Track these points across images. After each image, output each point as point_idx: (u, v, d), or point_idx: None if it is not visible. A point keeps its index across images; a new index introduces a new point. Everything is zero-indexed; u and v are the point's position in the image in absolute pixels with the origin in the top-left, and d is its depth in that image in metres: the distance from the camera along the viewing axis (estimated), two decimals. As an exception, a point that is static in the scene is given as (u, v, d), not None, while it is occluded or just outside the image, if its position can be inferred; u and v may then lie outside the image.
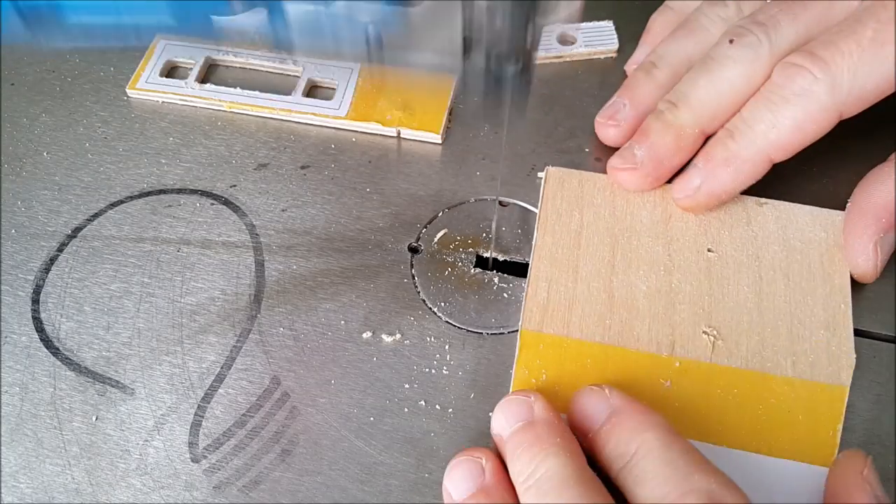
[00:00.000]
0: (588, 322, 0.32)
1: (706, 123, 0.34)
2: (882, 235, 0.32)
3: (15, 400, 0.31)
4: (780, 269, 0.33)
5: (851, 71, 0.31)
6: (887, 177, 0.33)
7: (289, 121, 0.40)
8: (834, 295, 0.32)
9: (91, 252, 0.35)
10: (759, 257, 0.33)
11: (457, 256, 0.35)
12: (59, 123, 0.40)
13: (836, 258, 0.33)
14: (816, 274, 0.33)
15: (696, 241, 0.34)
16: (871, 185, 0.33)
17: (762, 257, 0.33)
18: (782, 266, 0.33)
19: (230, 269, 0.35)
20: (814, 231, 0.34)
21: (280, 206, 0.37)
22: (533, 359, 0.31)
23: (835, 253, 0.33)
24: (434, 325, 0.33)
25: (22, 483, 0.29)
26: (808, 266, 0.33)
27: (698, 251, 0.34)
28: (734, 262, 0.33)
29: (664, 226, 0.34)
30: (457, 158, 0.39)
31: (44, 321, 0.33)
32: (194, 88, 0.41)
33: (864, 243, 0.32)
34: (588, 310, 0.32)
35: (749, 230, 0.34)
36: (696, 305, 0.32)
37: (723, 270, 0.33)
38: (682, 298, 0.32)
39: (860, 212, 0.33)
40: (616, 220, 0.34)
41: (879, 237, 0.32)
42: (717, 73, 0.33)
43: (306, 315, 0.33)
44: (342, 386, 0.31)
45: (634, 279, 0.33)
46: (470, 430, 0.30)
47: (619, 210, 0.35)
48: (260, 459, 0.30)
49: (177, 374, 0.32)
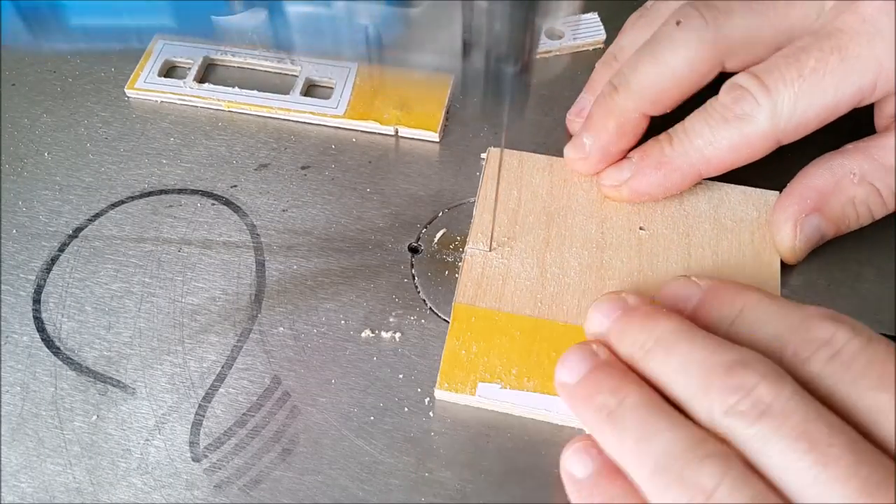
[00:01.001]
0: (520, 296, 0.33)
1: (648, 108, 0.34)
2: (805, 216, 0.33)
3: (16, 399, 0.31)
4: (709, 247, 0.34)
5: (792, 100, 0.31)
6: (825, 161, 0.33)
7: (289, 120, 0.40)
8: (762, 271, 0.33)
9: (92, 252, 0.35)
10: (689, 235, 0.35)
11: (457, 256, 0.35)
12: (60, 124, 0.40)
13: (767, 237, 0.34)
14: (746, 251, 0.34)
15: (628, 220, 0.35)
16: (808, 168, 0.34)
17: (692, 235, 0.35)
18: (711, 244, 0.34)
19: (231, 268, 0.35)
20: (746, 210, 0.35)
21: (280, 207, 0.37)
22: (465, 331, 0.32)
23: (766, 232, 0.35)
24: (434, 325, 0.33)
25: (23, 482, 0.29)
26: (738, 244, 0.34)
27: (630, 229, 0.35)
28: (664, 239, 0.35)
29: (599, 205, 0.36)
30: (456, 158, 0.39)
31: (45, 321, 0.33)
32: (193, 88, 0.41)
33: (784, 220, 0.33)
34: (520, 285, 0.33)
35: (681, 209, 0.36)
36: (626, 280, 0.33)
37: (653, 247, 0.34)
38: (612, 274, 0.34)
39: (789, 191, 0.34)
40: (553, 199, 0.36)
41: (802, 217, 0.33)
42: (659, 56, 0.33)
43: (307, 315, 0.33)
44: (342, 385, 0.31)
45: (567, 256, 0.34)
46: (470, 429, 0.30)
47: (556, 189, 0.36)
48: (260, 459, 0.30)
49: (178, 374, 0.32)
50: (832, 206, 0.33)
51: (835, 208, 0.33)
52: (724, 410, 0.23)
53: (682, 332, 0.26)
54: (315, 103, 0.40)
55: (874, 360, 0.24)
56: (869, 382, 0.23)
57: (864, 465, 0.22)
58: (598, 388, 0.26)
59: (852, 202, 0.33)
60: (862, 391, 0.23)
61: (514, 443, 0.30)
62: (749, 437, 0.23)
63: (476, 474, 0.29)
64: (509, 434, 0.30)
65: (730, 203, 0.36)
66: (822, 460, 0.22)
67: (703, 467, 0.23)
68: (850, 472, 0.21)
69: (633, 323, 0.27)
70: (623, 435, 0.25)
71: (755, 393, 0.23)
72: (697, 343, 0.25)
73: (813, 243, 0.33)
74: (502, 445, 0.30)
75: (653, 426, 0.24)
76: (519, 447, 0.30)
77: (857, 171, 0.32)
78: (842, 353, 0.24)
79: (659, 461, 0.24)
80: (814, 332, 0.25)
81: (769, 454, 0.23)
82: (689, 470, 0.23)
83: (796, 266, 0.34)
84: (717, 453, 0.23)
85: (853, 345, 0.24)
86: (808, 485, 0.22)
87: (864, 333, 0.24)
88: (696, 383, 0.25)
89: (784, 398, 0.23)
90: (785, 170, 0.34)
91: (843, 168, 0.33)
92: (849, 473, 0.21)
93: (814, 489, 0.22)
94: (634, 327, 0.27)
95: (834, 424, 0.23)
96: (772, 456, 0.23)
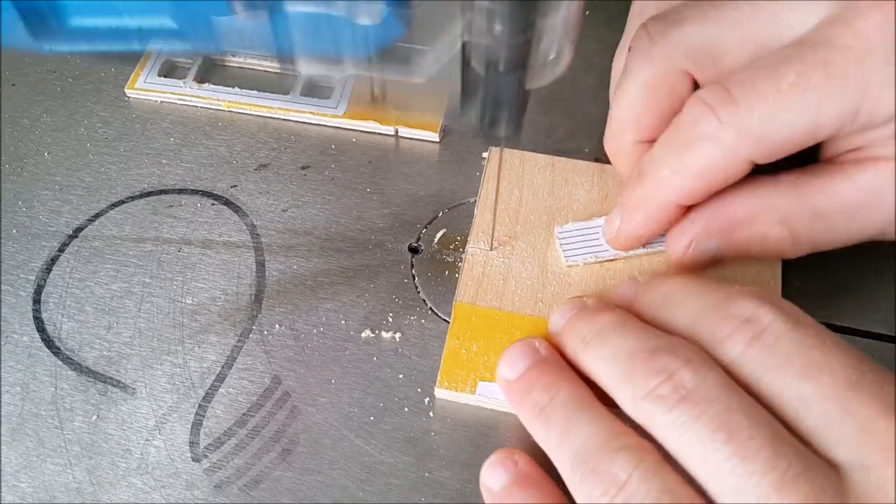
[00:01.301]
0: (520, 295, 0.33)
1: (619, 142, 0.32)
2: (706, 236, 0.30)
3: (16, 399, 0.31)
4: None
5: (765, 117, 0.27)
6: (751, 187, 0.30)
7: (289, 120, 0.40)
8: (764, 272, 0.33)
9: (92, 252, 0.35)
10: None
11: (457, 256, 0.35)
12: (60, 124, 0.40)
13: None
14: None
15: None
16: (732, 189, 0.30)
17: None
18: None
19: (231, 269, 0.35)
20: None
21: (280, 207, 0.37)
22: (465, 330, 0.32)
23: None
24: (434, 325, 0.33)
25: (23, 482, 0.29)
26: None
27: None
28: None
29: (600, 205, 0.36)
30: (456, 158, 0.39)
31: (45, 321, 0.33)
32: (193, 88, 0.41)
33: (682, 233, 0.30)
34: (521, 284, 0.33)
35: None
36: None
37: (656, 245, 0.34)
38: (613, 274, 0.34)
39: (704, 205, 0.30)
40: (554, 199, 0.36)
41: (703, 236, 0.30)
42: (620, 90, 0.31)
43: (307, 315, 0.33)
44: (342, 385, 0.31)
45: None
46: (470, 429, 0.30)
47: (557, 189, 0.36)
48: (261, 459, 0.30)
49: (178, 374, 0.32)
50: (738, 237, 0.30)
51: (740, 240, 0.30)
52: (644, 394, 0.23)
53: (617, 323, 0.26)
54: (315, 103, 0.40)
55: (800, 346, 0.23)
56: (793, 370, 0.23)
57: (783, 459, 0.21)
58: (534, 385, 0.27)
59: (762, 238, 0.30)
60: (786, 379, 0.23)
61: (514, 443, 0.30)
62: (668, 424, 0.23)
63: (476, 474, 0.29)
64: (509, 434, 0.30)
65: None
66: (741, 452, 0.21)
67: (615, 459, 0.23)
68: (768, 465, 0.21)
69: (581, 318, 0.27)
70: (550, 431, 0.25)
71: (677, 377, 0.23)
72: (629, 333, 0.25)
73: (703, 262, 0.31)
74: (502, 445, 0.30)
75: (575, 421, 0.25)
76: (519, 447, 0.30)
77: (780, 210, 0.29)
78: (765, 335, 0.23)
79: (577, 455, 0.24)
80: (732, 308, 0.24)
81: (687, 443, 0.22)
82: (603, 463, 0.23)
83: (797, 266, 0.34)
84: (630, 445, 0.23)
85: (777, 326, 0.23)
86: (724, 477, 0.22)
87: (791, 315, 0.24)
88: (621, 370, 0.25)
89: (707, 385, 0.23)
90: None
91: (767, 202, 0.29)
92: (766, 467, 0.21)
93: (730, 481, 0.21)
94: (581, 321, 0.27)
95: (755, 416, 0.22)
96: (689, 445, 0.22)
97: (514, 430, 0.30)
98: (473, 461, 0.29)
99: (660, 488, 0.22)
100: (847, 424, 0.22)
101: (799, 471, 0.21)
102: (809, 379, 0.22)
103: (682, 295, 0.27)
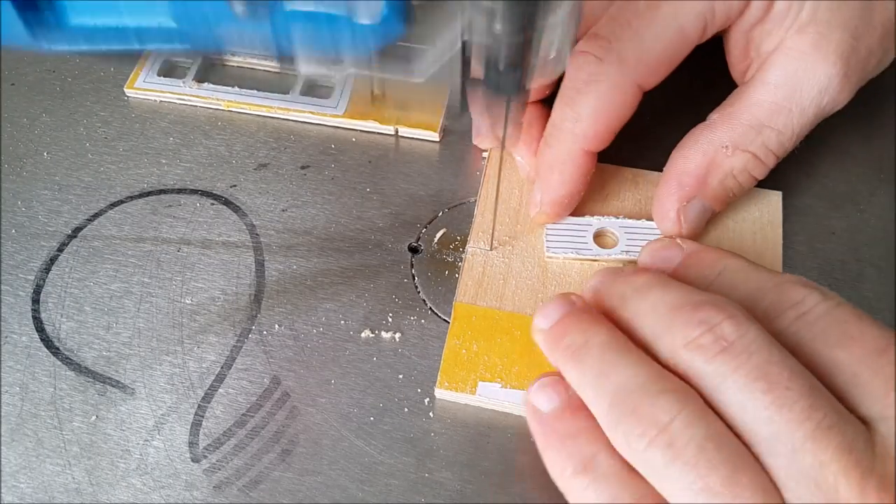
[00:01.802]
0: (521, 295, 0.33)
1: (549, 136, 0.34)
2: (686, 203, 0.32)
3: (15, 400, 0.31)
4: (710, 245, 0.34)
5: (635, 40, 0.30)
6: (694, 140, 0.33)
7: (288, 120, 0.40)
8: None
9: (91, 252, 0.35)
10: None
11: (457, 256, 0.35)
12: (60, 123, 0.40)
13: (770, 236, 0.34)
14: (748, 250, 0.34)
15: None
16: (679, 150, 0.33)
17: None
18: (714, 242, 0.34)
19: (230, 268, 0.35)
20: (748, 210, 0.35)
21: (280, 206, 0.37)
22: (465, 330, 0.32)
23: (768, 231, 0.35)
24: (434, 325, 0.33)
25: (22, 483, 0.29)
26: (741, 243, 0.34)
27: None
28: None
29: (601, 204, 0.36)
30: (456, 158, 0.39)
31: (44, 321, 0.33)
32: (192, 88, 0.41)
33: (666, 211, 0.33)
34: (521, 284, 0.33)
35: None
36: None
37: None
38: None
39: (666, 178, 0.33)
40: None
41: (683, 204, 0.32)
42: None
43: (306, 315, 0.33)
44: (342, 386, 0.31)
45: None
46: (470, 429, 0.30)
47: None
48: (260, 459, 0.30)
49: (177, 374, 0.32)
50: (712, 186, 0.32)
51: (715, 187, 0.32)
52: (685, 343, 0.24)
53: (658, 280, 0.26)
54: (315, 103, 0.40)
55: (837, 321, 0.24)
56: (829, 340, 0.24)
57: (819, 410, 0.22)
58: (568, 329, 0.27)
59: (731, 175, 0.32)
60: (821, 347, 0.24)
61: (514, 443, 0.30)
62: (708, 373, 0.23)
63: (476, 474, 0.29)
64: (509, 434, 0.30)
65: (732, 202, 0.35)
66: (778, 402, 0.22)
67: (658, 401, 0.23)
68: (805, 415, 0.22)
69: (618, 278, 0.28)
70: (584, 370, 0.25)
71: (718, 329, 0.23)
72: (671, 288, 0.26)
73: (702, 223, 0.33)
74: (502, 445, 0.30)
75: (613, 362, 0.25)
76: (519, 447, 0.30)
77: (727, 143, 0.32)
78: (808, 313, 0.25)
79: (616, 395, 0.24)
80: (786, 294, 0.25)
81: (726, 391, 0.23)
82: (645, 403, 0.23)
83: (797, 266, 0.34)
84: (674, 388, 0.23)
85: (821, 307, 0.25)
86: (761, 425, 0.22)
87: (833, 298, 0.25)
88: (664, 321, 0.25)
89: (748, 339, 0.23)
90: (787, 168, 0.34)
91: (713, 144, 0.32)
92: (803, 417, 0.22)
93: (767, 428, 0.22)
94: (619, 282, 0.27)
95: (794, 369, 0.23)
96: (728, 393, 0.23)
97: (515, 430, 0.30)
98: (473, 461, 0.29)
99: (704, 434, 0.22)
100: (874, 383, 0.23)
101: (833, 422, 0.22)
102: (842, 347, 0.24)
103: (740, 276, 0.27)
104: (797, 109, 0.32)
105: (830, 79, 0.31)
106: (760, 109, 0.32)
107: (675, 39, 0.31)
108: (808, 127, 0.32)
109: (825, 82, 0.31)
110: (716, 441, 0.22)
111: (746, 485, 0.22)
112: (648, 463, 0.23)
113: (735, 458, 0.22)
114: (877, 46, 0.32)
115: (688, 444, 0.22)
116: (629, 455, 0.24)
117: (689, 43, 0.31)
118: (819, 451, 0.21)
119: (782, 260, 0.34)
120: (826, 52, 0.31)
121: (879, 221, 0.36)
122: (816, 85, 0.31)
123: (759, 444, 0.22)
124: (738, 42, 0.33)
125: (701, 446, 0.22)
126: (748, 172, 0.32)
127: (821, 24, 0.31)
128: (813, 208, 0.36)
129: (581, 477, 0.24)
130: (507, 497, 0.29)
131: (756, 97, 0.32)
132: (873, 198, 0.37)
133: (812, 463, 0.21)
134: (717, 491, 0.22)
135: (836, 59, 0.31)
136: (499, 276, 0.34)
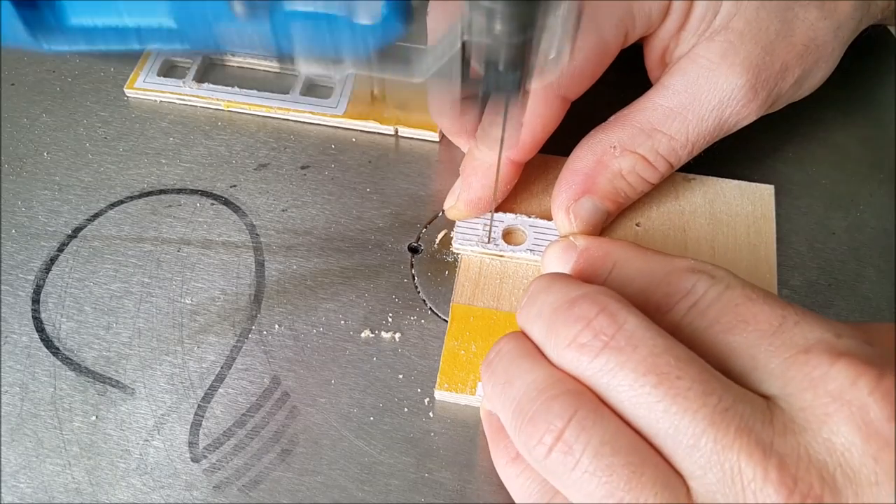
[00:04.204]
0: (518, 294, 0.33)
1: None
2: (575, 201, 0.33)
3: (15, 400, 0.31)
4: (705, 241, 0.34)
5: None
6: (588, 140, 0.33)
7: (288, 120, 0.40)
8: (759, 265, 0.34)
9: (91, 252, 0.35)
10: (686, 230, 0.35)
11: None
12: (60, 123, 0.40)
13: (763, 230, 0.35)
14: (742, 245, 0.34)
15: (624, 216, 0.35)
16: (574, 151, 0.34)
17: (688, 230, 0.35)
18: (708, 238, 0.34)
19: (230, 269, 0.35)
20: (741, 205, 0.35)
21: (280, 206, 0.37)
22: (463, 331, 0.32)
23: (761, 225, 0.35)
24: (434, 325, 0.33)
25: (22, 483, 0.29)
26: (735, 238, 0.34)
27: (626, 226, 0.35)
28: (661, 234, 0.35)
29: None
30: (456, 158, 0.39)
31: (44, 321, 0.33)
32: (192, 88, 0.41)
33: (556, 209, 0.33)
34: (518, 283, 0.34)
35: (677, 204, 0.36)
36: None
37: (649, 243, 0.34)
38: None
39: (559, 178, 0.34)
40: (549, 198, 0.36)
41: (572, 203, 0.33)
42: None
43: (306, 315, 0.33)
44: (342, 386, 0.31)
45: None
46: (470, 429, 0.30)
47: (552, 188, 0.36)
48: (260, 459, 0.30)
49: (177, 374, 0.32)
50: (600, 184, 0.33)
51: (604, 186, 0.33)
52: (567, 344, 0.23)
53: (545, 282, 0.26)
54: (315, 103, 0.40)
55: (728, 305, 0.24)
56: (723, 326, 0.24)
57: (713, 394, 0.22)
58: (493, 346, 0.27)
59: (619, 175, 0.33)
60: (717, 334, 0.24)
61: (513, 443, 0.30)
62: (595, 372, 0.23)
63: (476, 474, 0.29)
64: (509, 434, 0.30)
65: (725, 197, 0.36)
66: (671, 393, 0.22)
67: (552, 406, 0.23)
68: (700, 402, 0.21)
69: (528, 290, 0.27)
70: (494, 381, 0.25)
71: (595, 323, 0.23)
72: (554, 289, 0.25)
73: (596, 222, 0.33)
74: (502, 446, 0.30)
75: (515, 370, 0.25)
76: (519, 447, 0.30)
77: (616, 144, 0.32)
78: (699, 302, 0.24)
79: (518, 402, 0.24)
80: (675, 285, 0.25)
81: (617, 388, 0.22)
82: (541, 410, 0.23)
83: (797, 266, 0.34)
84: (568, 391, 0.23)
85: (711, 293, 0.24)
86: (658, 419, 0.22)
87: (722, 281, 0.25)
88: (547, 323, 0.25)
89: (627, 330, 0.23)
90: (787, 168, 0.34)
91: (603, 143, 0.33)
92: (697, 405, 0.21)
93: (665, 421, 0.22)
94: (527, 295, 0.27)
95: (681, 356, 0.22)
96: (619, 391, 0.22)
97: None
98: (473, 461, 0.29)
99: (600, 439, 0.22)
100: (771, 363, 0.23)
101: (728, 404, 0.22)
102: (735, 332, 0.23)
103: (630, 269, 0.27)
104: (694, 117, 0.32)
105: (734, 90, 0.31)
106: (654, 113, 0.32)
107: (597, 50, 0.31)
108: (706, 136, 0.32)
109: (728, 93, 0.31)
110: (612, 444, 0.22)
111: (648, 483, 0.21)
112: (549, 470, 0.23)
113: (634, 457, 0.22)
114: (794, 63, 0.32)
115: (585, 451, 0.22)
116: (533, 463, 0.24)
117: (610, 53, 0.32)
118: (720, 436, 0.21)
119: (782, 260, 0.34)
120: (732, 63, 0.31)
121: (879, 221, 0.36)
122: (718, 94, 0.31)
123: (659, 437, 0.22)
124: (655, 48, 0.34)
125: (597, 452, 0.22)
126: (637, 174, 0.33)
127: (732, 34, 0.31)
128: (812, 208, 0.36)
129: (512, 467, 0.26)
130: (506, 497, 0.29)
131: (653, 101, 0.32)
132: (873, 198, 0.37)
133: (714, 448, 0.21)
134: (620, 494, 0.22)
135: (743, 70, 0.31)
136: (495, 277, 0.34)
